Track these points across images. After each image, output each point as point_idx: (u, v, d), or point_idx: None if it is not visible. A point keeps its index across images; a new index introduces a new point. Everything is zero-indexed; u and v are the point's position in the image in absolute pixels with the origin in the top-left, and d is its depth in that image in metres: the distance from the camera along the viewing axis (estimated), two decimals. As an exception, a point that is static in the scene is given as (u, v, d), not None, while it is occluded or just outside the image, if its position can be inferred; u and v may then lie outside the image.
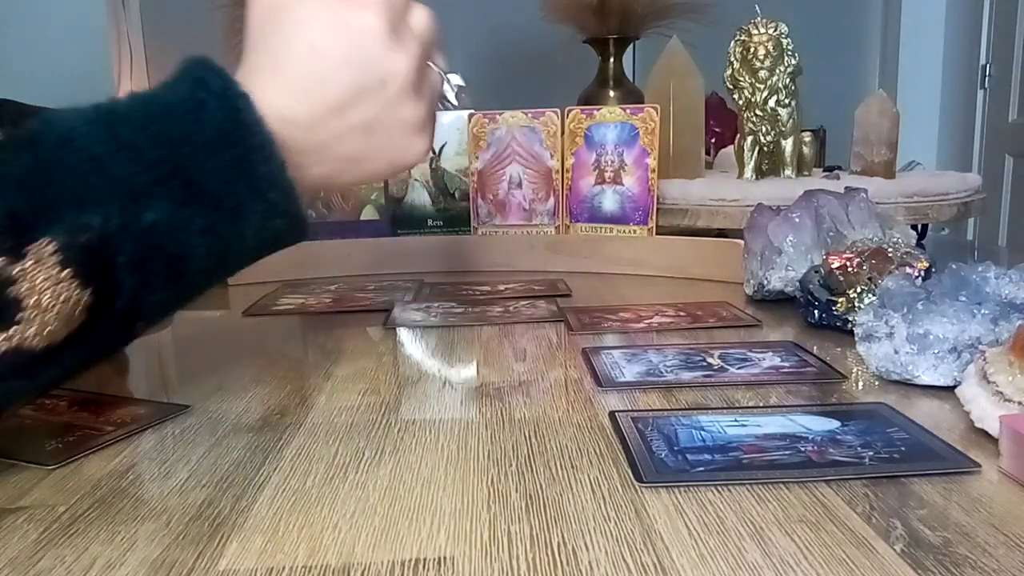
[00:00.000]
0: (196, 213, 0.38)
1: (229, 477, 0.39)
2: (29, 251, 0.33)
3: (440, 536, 0.32)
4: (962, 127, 3.24)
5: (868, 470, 0.37)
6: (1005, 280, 0.50)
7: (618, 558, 0.30)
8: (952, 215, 1.02)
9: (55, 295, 0.34)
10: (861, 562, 0.29)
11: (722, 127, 1.56)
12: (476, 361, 0.60)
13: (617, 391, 0.50)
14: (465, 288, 0.84)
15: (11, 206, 0.34)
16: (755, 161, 1.08)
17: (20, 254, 0.33)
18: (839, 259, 0.63)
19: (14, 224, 0.33)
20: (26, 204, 0.34)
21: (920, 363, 0.48)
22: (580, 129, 0.96)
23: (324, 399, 0.50)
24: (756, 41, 1.02)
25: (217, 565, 0.31)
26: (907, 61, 3.36)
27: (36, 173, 0.35)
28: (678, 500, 0.35)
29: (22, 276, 0.33)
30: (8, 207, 0.34)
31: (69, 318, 0.35)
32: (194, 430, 0.45)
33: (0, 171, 0.34)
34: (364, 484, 0.38)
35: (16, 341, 0.34)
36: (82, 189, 0.35)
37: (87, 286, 0.35)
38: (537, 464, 0.39)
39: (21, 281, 0.33)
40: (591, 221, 0.96)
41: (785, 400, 0.48)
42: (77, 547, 0.32)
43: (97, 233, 0.35)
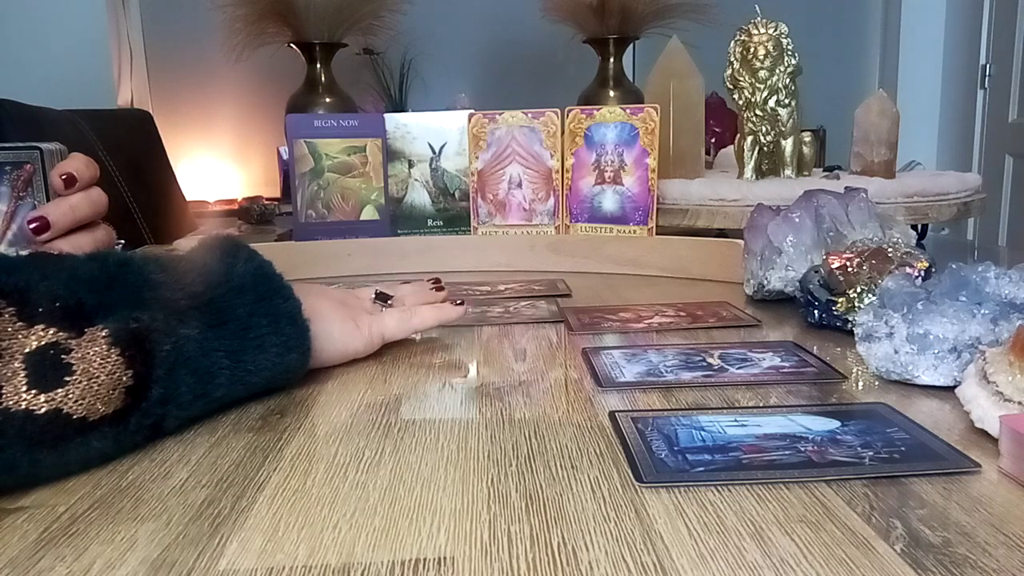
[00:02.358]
0: (223, 336, 0.46)
1: (229, 477, 0.39)
2: (87, 332, 0.40)
3: (440, 536, 0.32)
4: (962, 127, 3.24)
5: (868, 470, 0.37)
6: (1005, 280, 0.50)
7: (618, 558, 0.30)
8: (952, 215, 1.02)
9: (101, 367, 0.40)
10: (861, 562, 0.29)
11: (722, 127, 1.56)
12: (476, 361, 0.60)
13: (617, 391, 0.50)
14: (465, 288, 0.84)
15: (80, 297, 0.41)
16: (755, 161, 1.08)
17: (80, 332, 0.40)
18: (839, 259, 0.63)
19: (80, 310, 0.41)
20: (91, 298, 0.42)
21: (920, 363, 0.48)
22: (580, 129, 0.96)
23: (324, 399, 0.50)
24: (756, 41, 1.02)
25: (217, 565, 0.31)
26: (907, 61, 3.36)
27: (100, 280, 0.43)
28: (678, 500, 0.35)
29: (77, 348, 0.39)
30: (78, 297, 0.41)
31: (109, 394, 0.40)
32: (194, 430, 0.45)
33: (73, 271, 0.43)
34: (364, 484, 0.38)
35: (58, 403, 0.38)
36: (135, 299, 0.43)
37: (129, 367, 0.41)
38: (537, 464, 0.39)
39: (76, 351, 0.39)
40: (591, 221, 0.96)
41: (785, 400, 0.48)
42: (77, 547, 0.32)
43: (144, 326, 0.42)
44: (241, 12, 1.50)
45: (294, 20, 1.46)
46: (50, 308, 0.40)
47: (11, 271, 0.41)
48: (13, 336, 0.38)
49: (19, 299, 0.39)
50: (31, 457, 0.37)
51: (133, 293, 0.44)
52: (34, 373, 0.38)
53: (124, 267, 0.44)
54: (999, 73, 3.02)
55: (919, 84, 3.31)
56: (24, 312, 0.39)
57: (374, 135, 1.01)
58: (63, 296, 0.40)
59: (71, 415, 0.38)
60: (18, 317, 0.39)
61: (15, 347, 0.38)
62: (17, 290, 0.39)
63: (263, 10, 1.48)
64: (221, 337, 0.46)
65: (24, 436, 0.37)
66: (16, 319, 0.39)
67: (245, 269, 0.49)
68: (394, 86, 3.03)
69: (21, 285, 0.40)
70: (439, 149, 1.02)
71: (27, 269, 0.41)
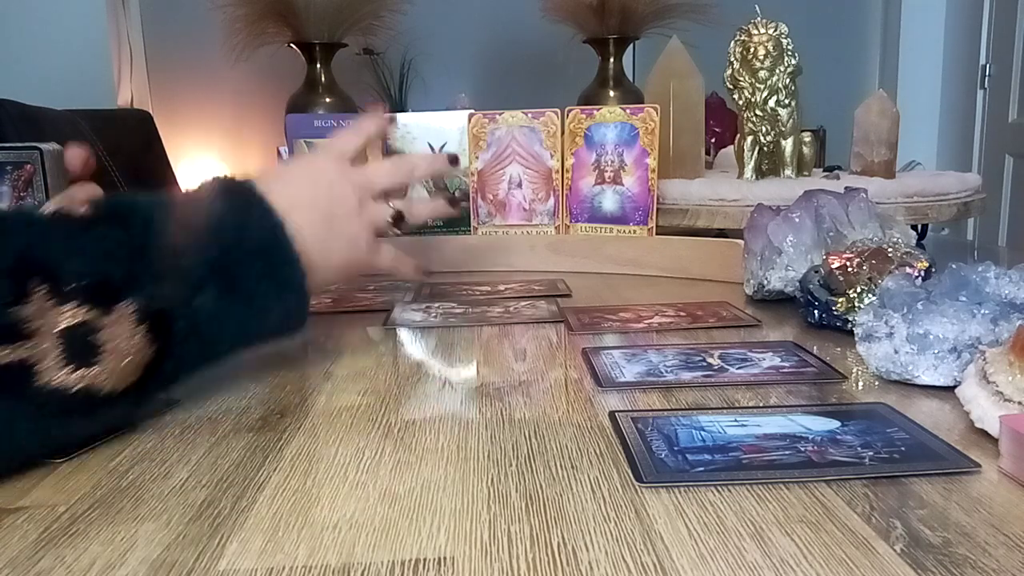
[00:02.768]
0: (231, 304, 0.48)
1: (229, 477, 0.39)
2: (115, 309, 0.42)
3: (440, 536, 0.32)
4: (962, 127, 3.24)
5: (868, 470, 0.37)
6: (1005, 280, 0.50)
7: (618, 558, 0.30)
8: (952, 215, 1.02)
9: (129, 345, 0.42)
10: (861, 562, 0.29)
11: (722, 127, 1.56)
12: (476, 361, 0.60)
13: (617, 391, 0.50)
14: (465, 288, 0.84)
15: (106, 273, 0.42)
16: (755, 161, 1.08)
17: (109, 310, 0.41)
18: (839, 259, 0.63)
19: (107, 286, 0.42)
20: (117, 271, 0.43)
21: (920, 363, 0.48)
22: (580, 129, 0.96)
23: (324, 399, 0.50)
24: (756, 41, 1.02)
25: (217, 565, 0.31)
26: (907, 61, 3.36)
27: (126, 248, 0.44)
28: (678, 500, 0.35)
29: (107, 327, 0.41)
30: (104, 273, 0.42)
31: (134, 369, 0.42)
32: (194, 430, 0.45)
33: (98, 242, 0.43)
34: (364, 484, 0.38)
35: (89, 380, 0.40)
36: (159, 269, 0.44)
37: (153, 344, 0.43)
38: (537, 464, 0.39)
39: (105, 330, 0.41)
40: (591, 221, 0.96)
41: (785, 400, 0.48)
42: (77, 547, 0.32)
43: (167, 303, 0.44)
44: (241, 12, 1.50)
45: (294, 20, 1.46)
46: (80, 285, 0.40)
47: (43, 243, 0.41)
48: (47, 315, 0.39)
49: (51, 276, 0.40)
50: (63, 425, 0.41)
51: (157, 261, 0.45)
52: (66, 351, 0.39)
53: (148, 229, 0.45)
54: (999, 73, 3.02)
55: (919, 84, 3.31)
56: (56, 289, 0.40)
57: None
58: (92, 273, 0.41)
59: (100, 390, 0.41)
60: (50, 295, 0.40)
61: (47, 325, 0.39)
62: (49, 267, 0.40)
63: (263, 10, 1.48)
64: (231, 304, 0.47)
65: (57, 409, 0.40)
66: (49, 296, 0.39)
67: (260, 231, 0.50)
68: (394, 86, 3.03)
69: (52, 262, 0.41)
70: (439, 149, 1.02)
71: (57, 242, 0.42)
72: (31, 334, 0.39)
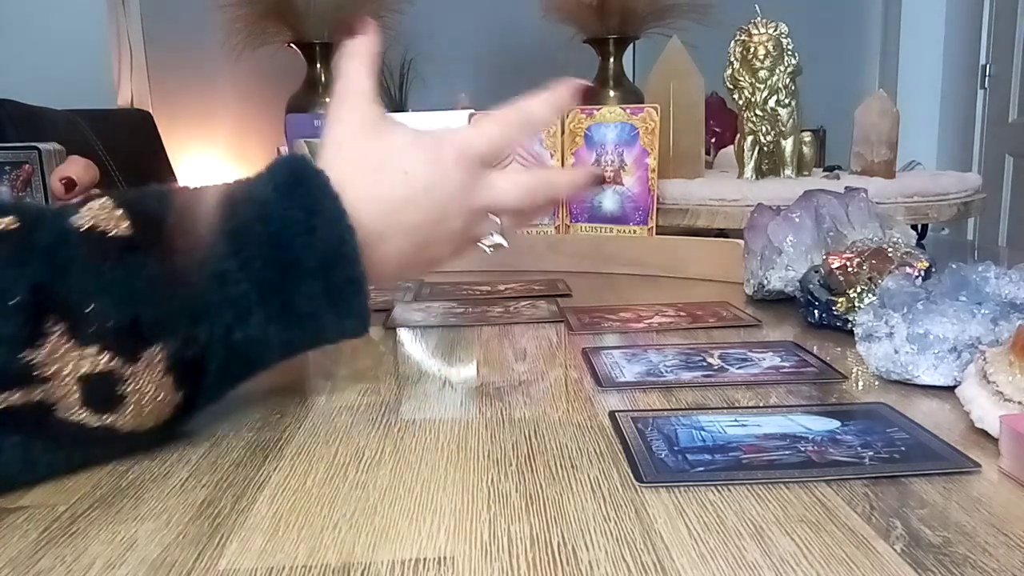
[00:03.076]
0: (282, 328, 0.42)
1: (229, 477, 0.39)
2: (143, 356, 0.37)
3: (440, 536, 0.32)
4: (962, 127, 3.24)
5: (868, 470, 0.37)
6: (1005, 280, 0.50)
7: (618, 558, 0.30)
8: (952, 215, 1.02)
9: (154, 395, 0.38)
10: (861, 562, 0.29)
11: (722, 127, 1.56)
12: (476, 361, 0.60)
13: (617, 391, 0.50)
14: (465, 288, 0.84)
15: (135, 313, 0.37)
16: (755, 161, 1.08)
17: (135, 358, 0.37)
18: (839, 259, 0.63)
19: (135, 330, 0.37)
20: (148, 313, 0.38)
21: (920, 363, 0.48)
22: (580, 129, 0.96)
23: (324, 399, 0.50)
24: (756, 41, 1.02)
25: (217, 565, 0.31)
26: (907, 61, 3.36)
27: (161, 282, 0.38)
28: (678, 500, 0.35)
29: (132, 377, 0.37)
30: (133, 314, 0.37)
31: (159, 415, 0.40)
32: (194, 430, 0.45)
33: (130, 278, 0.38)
34: (364, 484, 0.38)
35: (109, 423, 0.38)
36: (199, 306, 0.39)
37: (180, 389, 0.39)
38: (537, 464, 0.39)
39: (130, 382, 0.37)
40: (591, 221, 0.96)
41: (785, 400, 0.48)
42: (77, 547, 0.32)
43: (202, 345, 0.39)
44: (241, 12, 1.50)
45: (294, 20, 1.46)
46: (103, 330, 0.36)
47: (64, 274, 0.36)
48: (63, 358, 0.36)
49: (70, 315, 0.36)
50: (83, 453, 0.39)
51: (196, 296, 0.39)
52: (87, 396, 0.36)
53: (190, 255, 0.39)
54: (999, 73, 3.02)
55: (919, 84, 3.32)
56: (75, 330, 0.36)
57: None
58: (116, 316, 0.37)
59: (120, 430, 0.39)
60: (69, 336, 0.36)
61: (65, 369, 0.36)
62: (68, 304, 0.36)
63: (263, 10, 1.48)
64: (279, 331, 0.42)
65: (77, 441, 0.38)
66: (67, 338, 0.36)
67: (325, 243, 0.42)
68: (394, 86, 3.03)
69: (74, 299, 0.36)
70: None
71: (80, 273, 0.37)
72: (47, 378, 0.35)
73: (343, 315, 0.44)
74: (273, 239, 0.41)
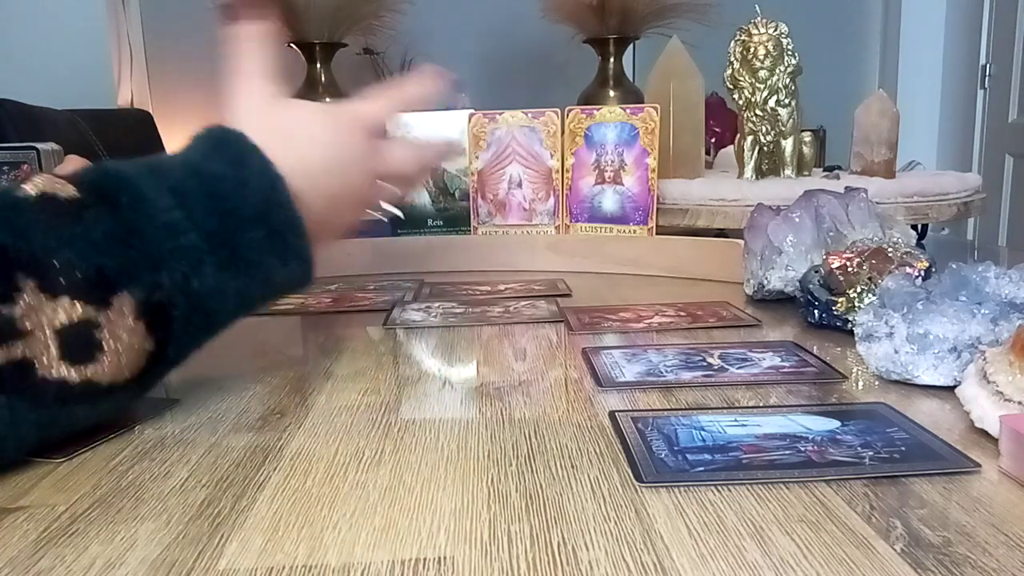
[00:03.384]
0: (232, 276, 0.45)
1: (229, 477, 0.39)
2: (113, 302, 0.40)
3: (440, 536, 0.32)
4: (962, 127, 3.24)
5: (868, 470, 0.37)
6: (1005, 280, 0.50)
7: (618, 558, 0.30)
8: (952, 215, 1.02)
9: (129, 342, 0.41)
10: (861, 562, 0.29)
11: (722, 127, 1.56)
12: (476, 361, 0.60)
13: (617, 391, 0.50)
14: (465, 288, 0.84)
15: (99, 262, 0.40)
16: (755, 161, 1.08)
17: (106, 304, 0.39)
18: (839, 259, 0.63)
19: (101, 279, 0.40)
20: (111, 262, 0.40)
21: (920, 363, 0.48)
22: (580, 129, 0.96)
23: (324, 399, 0.50)
24: (756, 41, 1.02)
25: (217, 565, 0.31)
26: (907, 61, 3.36)
27: (117, 235, 0.41)
28: (678, 500, 0.35)
29: (107, 323, 0.39)
30: (97, 263, 0.40)
31: (135, 363, 0.41)
32: (194, 430, 0.45)
33: (88, 231, 0.40)
34: (364, 484, 0.38)
35: (89, 374, 0.39)
36: (156, 254, 0.42)
37: (151, 335, 0.42)
38: (537, 464, 0.39)
39: (105, 327, 0.39)
40: (591, 221, 0.96)
41: (785, 400, 0.48)
42: (77, 547, 0.32)
43: (166, 292, 0.42)
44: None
45: (294, 20, 1.46)
46: (72, 280, 0.39)
47: (26, 235, 0.39)
48: (40, 310, 0.38)
49: (39, 270, 0.38)
50: (68, 413, 0.40)
51: (151, 245, 0.42)
52: (66, 347, 0.38)
53: (138, 209, 0.42)
54: (999, 73, 3.02)
55: (919, 84, 3.32)
56: (46, 284, 0.38)
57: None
58: (82, 266, 0.39)
59: (100, 383, 0.40)
60: (41, 289, 0.38)
61: (42, 322, 0.38)
62: (35, 260, 0.38)
63: (263, 10, 1.48)
64: (231, 278, 0.45)
65: (60, 398, 0.39)
66: (39, 291, 0.38)
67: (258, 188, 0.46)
68: (394, 86, 3.03)
69: (39, 254, 0.38)
70: (439, 149, 1.02)
71: (41, 233, 0.39)
72: (25, 332, 0.37)
73: (286, 258, 0.47)
74: (209, 192, 0.44)
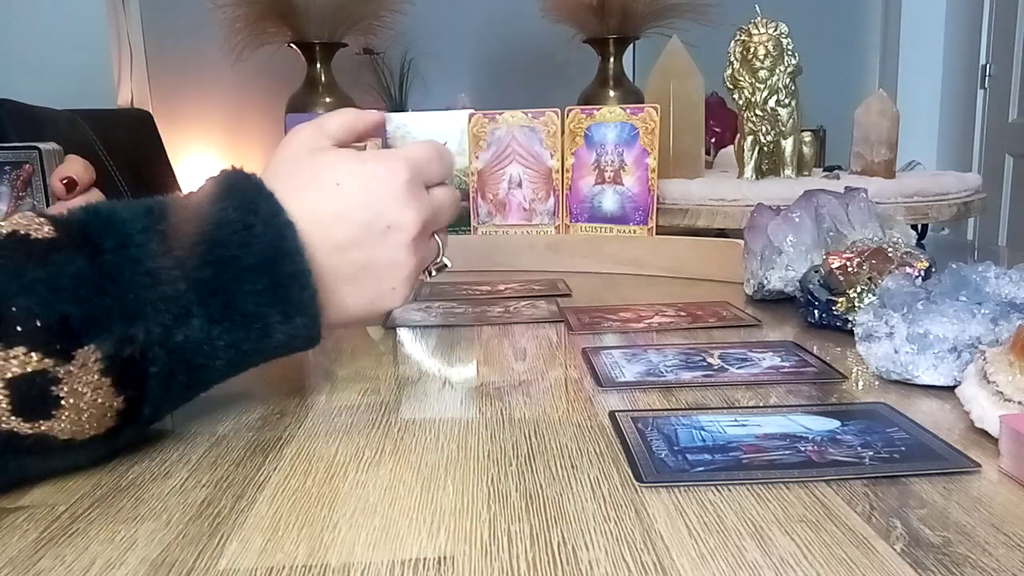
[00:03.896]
0: (226, 331, 0.41)
1: (229, 477, 0.39)
2: (76, 355, 0.35)
3: (440, 536, 0.32)
4: (962, 127, 3.24)
5: (868, 470, 0.37)
6: (1005, 280, 0.50)
7: (618, 558, 0.30)
8: (952, 215, 1.02)
9: (92, 400, 0.36)
10: (861, 562, 0.29)
11: (722, 127, 1.56)
12: (476, 361, 0.60)
13: (617, 391, 0.50)
14: (465, 288, 0.84)
15: (64, 311, 0.35)
16: (755, 161, 1.08)
17: (68, 356, 0.35)
18: (839, 259, 0.63)
19: (65, 328, 0.35)
20: (78, 310, 0.36)
21: (920, 363, 0.48)
22: (580, 129, 0.96)
23: (324, 399, 0.50)
24: (756, 41, 1.02)
25: (217, 565, 0.31)
26: (907, 61, 3.36)
27: (90, 280, 0.37)
28: (678, 500, 0.35)
29: (67, 377, 0.35)
30: (62, 312, 0.35)
31: (99, 421, 0.37)
32: (194, 430, 0.45)
33: (56, 276, 0.36)
34: (364, 484, 0.38)
35: (43, 430, 0.36)
36: (133, 303, 0.38)
37: (120, 394, 0.37)
38: (537, 464, 0.39)
39: (64, 382, 0.35)
40: (591, 221, 0.96)
41: (785, 400, 0.48)
42: (77, 547, 0.32)
43: (139, 347, 0.37)
44: (241, 12, 1.50)
45: (294, 20, 1.46)
46: (30, 328, 0.34)
47: None
48: None
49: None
50: (18, 463, 0.37)
51: (129, 293, 0.37)
52: (18, 401, 0.34)
53: (120, 254, 0.38)
54: (999, 73, 3.02)
55: (919, 84, 3.32)
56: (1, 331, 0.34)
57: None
58: (43, 313, 0.35)
59: (56, 439, 0.36)
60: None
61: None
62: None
63: (263, 10, 1.48)
64: (224, 332, 0.41)
65: (9, 448, 0.35)
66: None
67: (263, 239, 0.41)
68: (394, 86, 3.03)
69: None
70: (439, 149, 1.02)
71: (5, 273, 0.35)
72: None
73: (291, 313, 0.42)
74: (207, 238, 0.40)
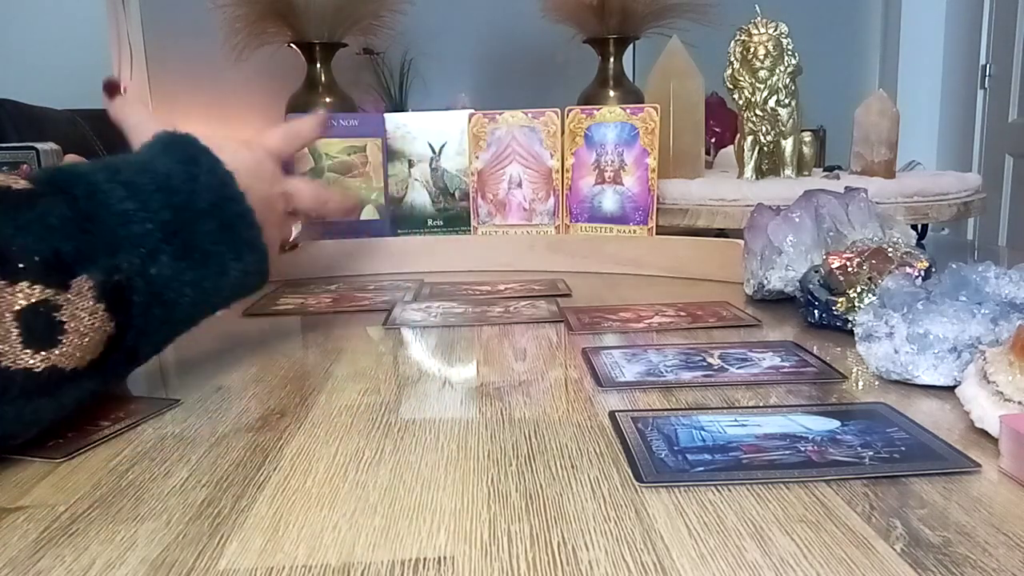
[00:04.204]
0: (188, 267, 0.47)
1: (229, 477, 0.39)
2: (72, 285, 0.40)
3: (440, 536, 0.32)
4: (962, 127, 3.24)
5: (868, 470, 0.37)
6: (1005, 280, 0.50)
7: (618, 558, 0.30)
8: (952, 215, 1.02)
9: (90, 324, 0.41)
10: (861, 562, 0.29)
11: (722, 127, 1.56)
12: (476, 361, 0.60)
13: (617, 391, 0.50)
14: (465, 288, 0.84)
15: (57, 246, 0.40)
16: (755, 161, 1.08)
17: (65, 286, 0.40)
18: (839, 259, 0.63)
19: (59, 262, 0.40)
20: (68, 246, 0.41)
21: (920, 363, 0.48)
22: (580, 129, 0.96)
23: (324, 399, 0.50)
24: (756, 41, 1.02)
25: (217, 565, 0.31)
26: (907, 61, 3.36)
27: (73, 221, 0.42)
28: (678, 500, 0.35)
29: (67, 304, 0.40)
30: (54, 247, 0.40)
31: (95, 346, 0.42)
32: (194, 430, 0.45)
33: (44, 217, 0.41)
34: (364, 484, 0.38)
35: (54, 360, 0.39)
36: (112, 239, 0.43)
37: (112, 319, 0.42)
38: (537, 464, 0.39)
39: (65, 309, 0.40)
40: (591, 221, 0.96)
41: (785, 400, 0.48)
42: (77, 547, 0.32)
43: (124, 276, 0.43)
44: (241, 12, 1.50)
45: (294, 20, 1.46)
46: (30, 264, 0.39)
47: None
48: None
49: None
50: (33, 407, 0.40)
51: (108, 232, 0.43)
52: (27, 332, 0.38)
53: (92, 199, 0.44)
54: (999, 73, 3.02)
55: (919, 84, 3.32)
56: (5, 270, 0.38)
57: (374, 135, 1.01)
58: (40, 250, 0.40)
59: (63, 369, 0.40)
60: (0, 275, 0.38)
61: (3, 306, 0.38)
62: None
63: (263, 10, 1.48)
64: (187, 268, 0.47)
65: (25, 391, 0.39)
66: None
67: (208, 184, 0.49)
68: (394, 86, 3.03)
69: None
70: (439, 149, 1.02)
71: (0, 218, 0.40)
72: None
73: (240, 250, 0.50)
74: (162, 187, 0.47)
